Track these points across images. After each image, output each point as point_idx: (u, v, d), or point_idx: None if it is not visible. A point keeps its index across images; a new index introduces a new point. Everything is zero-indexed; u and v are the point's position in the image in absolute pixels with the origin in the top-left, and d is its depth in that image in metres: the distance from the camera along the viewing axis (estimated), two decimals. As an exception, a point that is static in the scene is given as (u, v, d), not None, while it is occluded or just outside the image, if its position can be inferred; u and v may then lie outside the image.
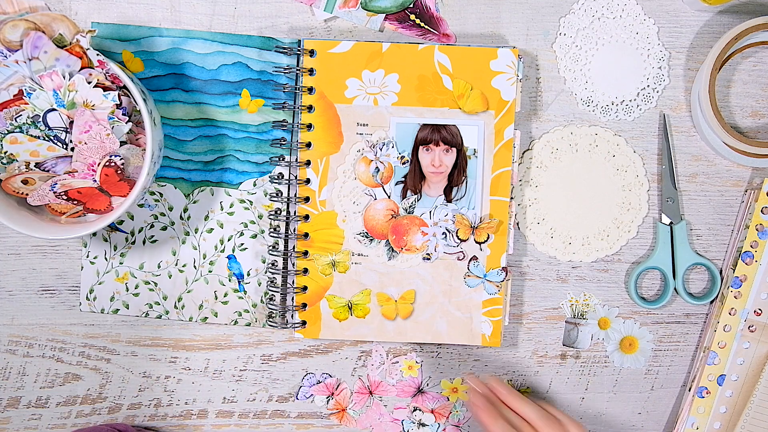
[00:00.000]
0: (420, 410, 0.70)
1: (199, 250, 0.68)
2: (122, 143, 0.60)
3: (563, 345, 0.69)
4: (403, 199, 0.66)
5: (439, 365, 0.70)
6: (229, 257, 0.68)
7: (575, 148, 0.68)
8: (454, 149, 0.65)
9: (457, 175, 0.65)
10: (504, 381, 0.67)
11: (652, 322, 0.70)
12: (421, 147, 0.65)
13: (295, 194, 0.66)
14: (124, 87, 0.60)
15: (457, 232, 0.66)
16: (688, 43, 0.68)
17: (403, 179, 0.66)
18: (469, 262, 0.66)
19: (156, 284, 0.68)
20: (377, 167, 0.66)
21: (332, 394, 0.70)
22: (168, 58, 0.65)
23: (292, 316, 0.67)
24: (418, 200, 0.66)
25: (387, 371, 0.70)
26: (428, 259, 0.66)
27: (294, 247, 0.66)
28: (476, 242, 0.66)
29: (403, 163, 0.65)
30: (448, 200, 0.66)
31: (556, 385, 0.70)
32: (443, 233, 0.66)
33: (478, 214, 0.66)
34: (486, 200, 0.66)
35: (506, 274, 0.66)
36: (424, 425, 0.70)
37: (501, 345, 0.68)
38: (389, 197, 0.66)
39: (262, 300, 0.68)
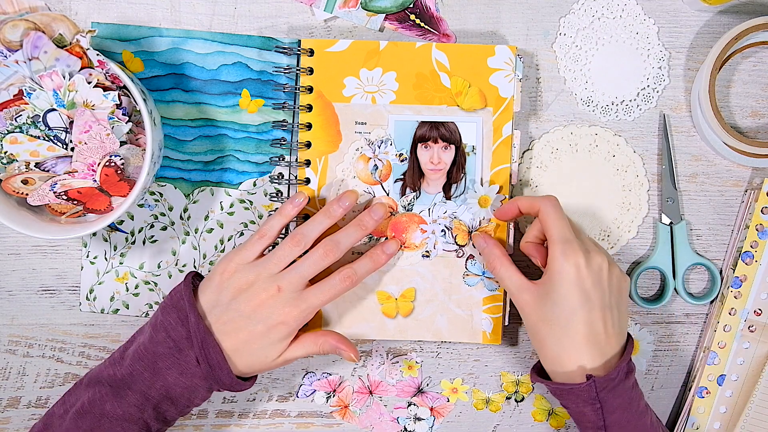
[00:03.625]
0: (415, 405, 0.70)
1: (199, 250, 0.68)
2: (122, 143, 0.60)
3: None
4: (401, 196, 0.66)
5: (439, 365, 0.70)
6: (229, 257, 0.68)
7: (575, 148, 0.68)
8: (453, 146, 0.65)
9: (455, 172, 0.65)
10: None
11: (652, 322, 0.70)
12: (419, 144, 0.65)
13: (295, 194, 0.66)
14: (124, 87, 0.60)
15: (455, 238, 0.66)
16: (688, 43, 0.68)
17: (402, 177, 0.66)
18: (466, 261, 0.66)
19: (156, 284, 0.68)
20: (375, 165, 0.66)
21: (334, 390, 0.70)
22: (168, 58, 0.65)
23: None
24: (417, 198, 0.66)
25: (387, 371, 0.70)
26: (427, 256, 0.66)
27: (294, 247, 0.66)
28: (475, 246, 0.66)
29: (402, 161, 0.65)
30: (447, 197, 0.66)
31: (556, 385, 0.70)
32: (442, 230, 0.66)
33: (478, 216, 0.66)
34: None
35: None
36: (419, 419, 0.70)
37: (501, 344, 0.68)
38: (388, 195, 0.66)
39: (262, 300, 0.68)
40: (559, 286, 0.57)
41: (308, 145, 0.66)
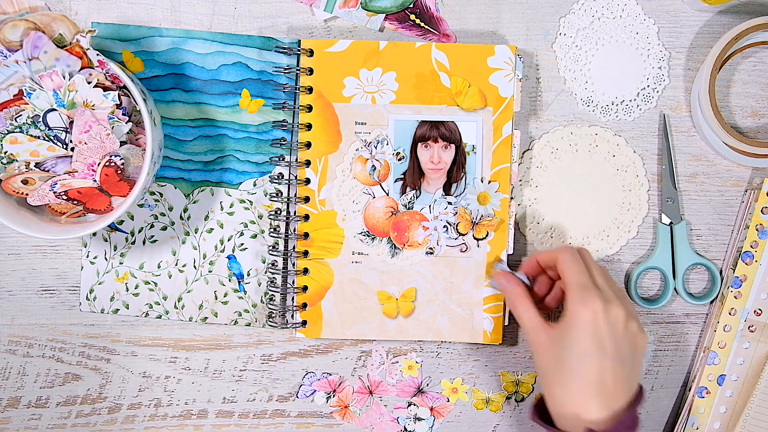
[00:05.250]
0: (415, 405, 0.70)
1: (199, 250, 0.68)
2: (122, 143, 0.60)
3: None
4: (401, 195, 0.66)
5: (439, 365, 0.70)
6: (229, 257, 0.68)
7: (575, 148, 0.68)
8: (453, 145, 0.65)
9: (456, 171, 0.65)
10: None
11: (652, 322, 0.70)
12: (419, 144, 0.65)
13: (295, 194, 0.66)
14: (124, 87, 0.60)
15: (457, 226, 0.66)
16: (688, 43, 0.68)
17: (402, 176, 0.66)
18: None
19: (156, 284, 0.68)
20: (373, 165, 0.66)
21: (334, 391, 0.70)
22: (168, 58, 0.65)
23: (292, 316, 0.67)
24: (417, 196, 0.66)
25: (387, 371, 0.70)
26: (431, 253, 0.66)
27: (294, 247, 0.66)
28: (475, 238, 0.66)
29: (399, 159, 0.65)
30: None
31: (556, 385, 0.70)
32: (444, 226, 0.66)
33: (480, 211, 0.66)
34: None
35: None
36: (420, 419, 0.70)
37: (501, 344, 0.68)
38: (387, 194, 0.66)
39: (262, 300, 0.68)
40: (573, 330, 0.56)
41: (308, 145, 0.66)
